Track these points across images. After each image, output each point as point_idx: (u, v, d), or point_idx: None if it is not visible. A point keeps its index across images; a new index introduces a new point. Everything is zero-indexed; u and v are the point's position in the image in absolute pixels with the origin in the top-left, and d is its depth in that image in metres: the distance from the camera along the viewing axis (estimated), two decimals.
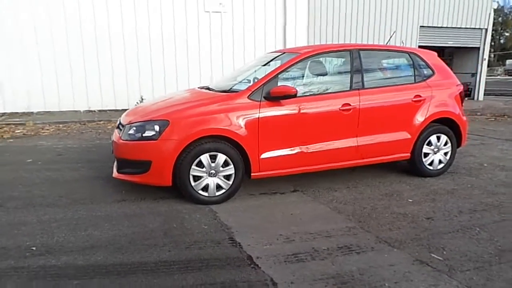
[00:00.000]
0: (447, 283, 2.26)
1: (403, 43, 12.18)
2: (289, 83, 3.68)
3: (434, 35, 12.93)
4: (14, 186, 3.87)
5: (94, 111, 9.55)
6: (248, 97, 3.48)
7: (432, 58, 4.34)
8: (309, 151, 3.69)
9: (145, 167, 3.31)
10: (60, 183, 4.02)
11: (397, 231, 2.98)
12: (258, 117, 3.46)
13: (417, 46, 12.47)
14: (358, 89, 3.85)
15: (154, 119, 3.35)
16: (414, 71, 4.17)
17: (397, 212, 3.37)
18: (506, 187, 4.01)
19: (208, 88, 4.15)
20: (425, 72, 4.22)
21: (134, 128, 3.39)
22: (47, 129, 7.35)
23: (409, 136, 4.08)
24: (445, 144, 4.30)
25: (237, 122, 3.40)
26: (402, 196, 3.77)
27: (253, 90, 3.51)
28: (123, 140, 3.44)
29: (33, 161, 4.87)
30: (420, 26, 12.61)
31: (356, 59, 3.90)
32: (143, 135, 3.33)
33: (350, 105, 3.76)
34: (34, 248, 2.57)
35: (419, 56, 4.23)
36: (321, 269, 2.41)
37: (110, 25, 9.24)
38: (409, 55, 4.20)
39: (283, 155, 3.61)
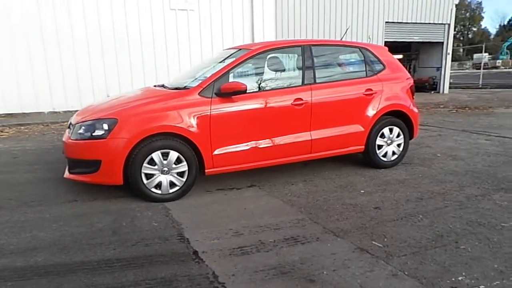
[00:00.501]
0: (382, 268, 2.35)
1: (370, 38, 12.46)
2: (241, 80, 3.72)
3: (399, 31, 13.28)
4: None
5: (59, 112, 9.31)
6: (199, 93, 3.49)
7: (383, 52, 4.47)
8: (262, 146, 3.74)
9: (95, 166, 3.27)
10: (12, 185, 3.92)
11: (345, 221, 3.07)
12: (210, 114, 3.47)
13: (383, 42, 12.79)
14: (310, 84, 3.92)
15: (102, 117, 3.31)
16: (366, 66, 4.29)
17: (348, 203, 3.47)
18: (454, 176, 4.19)
19: (163, 86, 4.13)
20: (376, 66, 4.34)
21: (83, 127, 3.35)
22: (7, 132, 7.13)
23: (362, 129, 4.19)
24: (398, 136, 4.45)
25: (188, 119, 3.40)
26: (355, 188, 3.88)
27: (204, 87, 3.52)
28: (72, 139, 3.39)
29: None
30: (386, 22, 12.93)
31: (308, 54, 3.97)
32: (92, 134, 3.29)
33: (302, 100, 3.83)
34: None
35: (370, 51, 4.35)
36: (264, 260, 2.46)
37: (72, 23, 9.01)
38: (360, 50, 4.31)
39: (237, 151, 3.64)
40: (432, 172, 4.32)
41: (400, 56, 15.58)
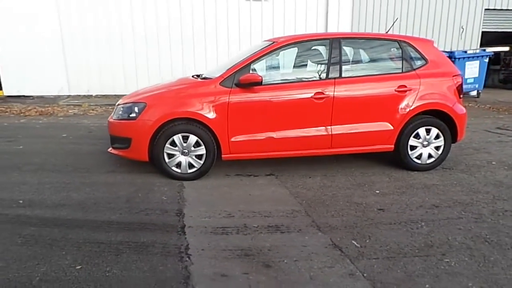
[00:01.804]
0: (343, 267, 2.35)
1: (462, 28, 11.16)
2: (267, 71, 3.88)
3: (502, 19, 11.52)
4: (38, 154, 4.68)
5: None
6: (220, 83, 3.75)
7: (427, 47, 4.11)
8: (279, 137, 3.84)
9: (127, 143, 3.80)
10: (75, 154, 4.73)
11: (339, 218, 3.05)
12: (228, 103, 3.71)
13: (480, 32, 11.28)
14: (335, 78, 3.86)
15: (136, 101, 3.81)
16: (403, 61, 4.02)
17: (354, 201, 3.40)
18: (495, 187, 3.73)
19: (198, 76, 4.49)
20: (416, 61, 4.03)
21: (122, 109, 3.89)
22: (96, 110, 8.39)
23: (391, 127, 3.97)
24: (437, 137, 4.10)
25: (207, 107, 3.69)
26: (372, 187, 3.75)
27: (225, 77, 3.76)
28: (113, 119, 3.97)
29: (66, 136, 5.73)
30: (485, 9, 11.32)
31: (336, 48, 3.90)
32: (128, 115, 3.81)
33: (323, 94, 3.81)
34: (21, 202, 3.21)
35: (410, 45, 4.05)
36: (237, 242, 2.65)
37: (159, 23, 10.04)
38: (398, 43, 4.04)
39: (253, 140, 3.82)
40: (470, 181, 3.90)
41: (507, 48, 13.54)
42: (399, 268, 2.33)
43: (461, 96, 4.16)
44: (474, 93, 10.69)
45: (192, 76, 4.48)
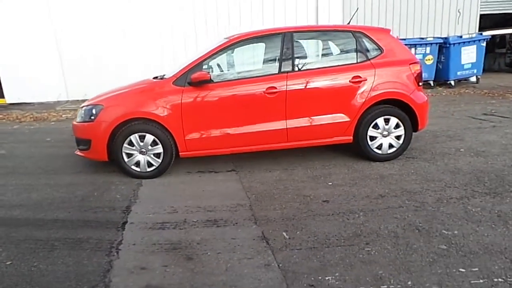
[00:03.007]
0: (262, 258, 2.40)
1: (459, 12, 10.85)
2: (219, 69, 3.93)
3: (501, 1, 11.10)
4: (16, 158, 4.89)
5: None
6: (173, 83, 3.83)
7: (382, 36, 4.06)
8: (234, 133, 3.89)
9: (88, 144, 3.93)
10: (51, 157, 4.92)
11: (280, 211, 3.09)
12: (181, 102, 3.78)
13: (478, 15, 10.90)
14: (287, 72, 3.87)
15: (94, 104, 3.94)
16: (357, 51, 3.98)
17: (302, 194, 3.42)
18: (452, 174, 3.67)
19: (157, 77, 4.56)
20: (371, 51, 3.99)
21: (83, 112, 4.03)
22: None
23: (347, 118, 3.96)
24: (397, 127, 4.05)
25: (161, 106, 3.78)
26: (327, 179, 3.75)
27: (178, 76, 3.84)
28: (76, 122, 4.12)
29: (50, 140, 5.95)
30: None
31: (288, 42, 3.91)
32: (88, 117, 3.94)
33: (276, 88, 3.83)
34: None
35: (365, 35, 4.01)
36: (170, 236, 2.73)
37: (150, 25, 10.22)
38: (352, 34, 4.01)
39: (208, 137, 3.88)
40: (429, 169, 3.85)
41: (510, 31, 13.08)
42: (317, 258, 2.36)
43: (420, 83, 4.10)
44: (473, 78, 10.39)
45: (154, 78, 4.57)
